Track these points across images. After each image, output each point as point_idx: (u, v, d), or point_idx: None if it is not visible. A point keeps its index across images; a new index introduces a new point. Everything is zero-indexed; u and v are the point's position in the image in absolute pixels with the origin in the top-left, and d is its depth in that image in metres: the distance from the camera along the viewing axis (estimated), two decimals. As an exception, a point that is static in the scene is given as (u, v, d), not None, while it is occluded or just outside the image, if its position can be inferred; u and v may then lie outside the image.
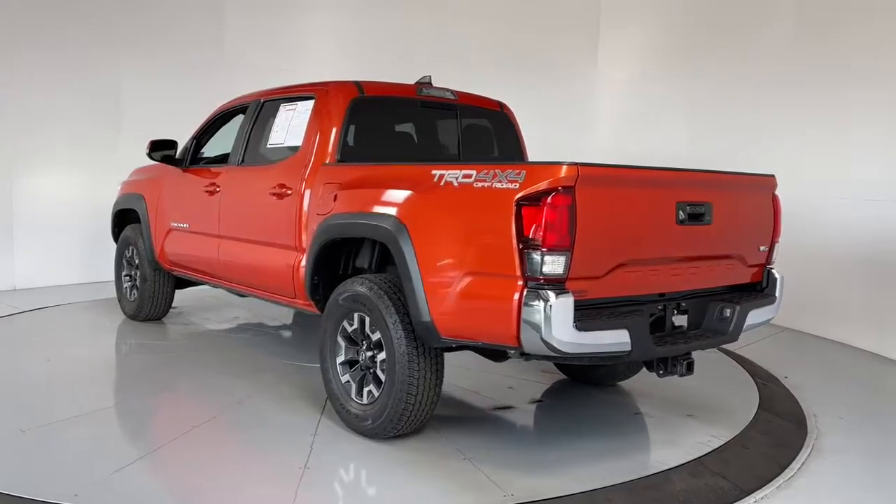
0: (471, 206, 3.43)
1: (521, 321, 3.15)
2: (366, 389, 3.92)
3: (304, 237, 4.36)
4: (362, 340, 3.96)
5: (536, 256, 3.14)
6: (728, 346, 6.15)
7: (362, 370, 3.96)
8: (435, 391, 3.77)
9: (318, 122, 4.50)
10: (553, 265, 3.14)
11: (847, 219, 6.54)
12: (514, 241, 3.19)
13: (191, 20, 8.75)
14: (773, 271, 4.24)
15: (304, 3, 9.09)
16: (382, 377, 3.80)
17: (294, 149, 4.65)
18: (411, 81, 5.02)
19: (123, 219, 6.64)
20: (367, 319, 3.86)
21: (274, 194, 4.60)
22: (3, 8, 7.97)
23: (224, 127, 5.78)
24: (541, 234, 3.14)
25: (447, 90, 5.01)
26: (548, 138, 8.35)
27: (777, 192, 4.28)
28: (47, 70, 8.17)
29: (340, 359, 4.06)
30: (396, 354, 3.66)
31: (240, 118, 5.52)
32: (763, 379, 5.34)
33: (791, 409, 4.78)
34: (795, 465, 3.87)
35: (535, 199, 3.16)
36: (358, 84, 4.62)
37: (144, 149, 5.77)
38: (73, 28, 8.31)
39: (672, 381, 5.07)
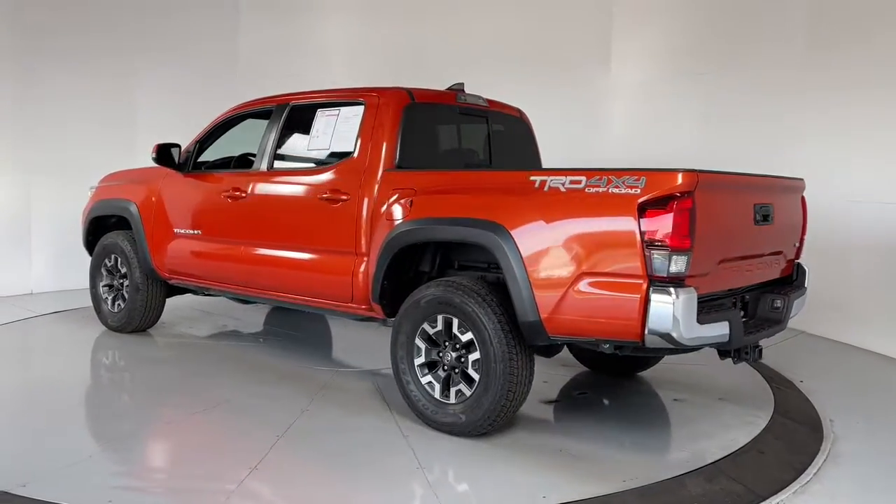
0: (584, 210, 3.61)
1: (646, 317, 3.38)
2: (453, 389, 4.05)
3: (363, 242, 4.46)
4: (446, 342, 4.08)
5: (662, 257, 3.38)
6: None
7: (446, 370, 4.09)
8: (529, 387, 3.99)
9: (373, 128, 4.57)
10: (678, 264, 3.39)
11: (864, 221, 6.48)
12: (640, 243, 3.41)
13: (205, 28, 8.84)
14: (802, 264, 4.66)
15: (317, 9, 9.13)
16: (475, 376, 3.93)
17: (344, 154, 4.70)
18: (425, 85, 5.05)
19: (98, 226, 6.45)
20: (456, 321, 3.98)
21: (325, 200, 4.66)
22: (21, 18, 8.08)
23: (219, 132, 5.75)
24: (667, 236, 3.37)
25: (479, 97, 5.14)
26: (560, 141, 8.36)
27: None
28: (64, 78, 8.29)
29: (420, 360, 4.17)
30: (495, 354, 3.83)
31: (249, 123, 5.54)
32: (778, 383, 5.30)
33: (807, 414, 4.74)
34: (811, 470, 3.84)
35: (659, 204, 3.39)
36: (409, 91, 4.72)
37: (150, 153, 5.65)
38: (90, 37, 8.44)
39: (690, 386, 5.09)
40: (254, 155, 5.62)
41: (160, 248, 5.81)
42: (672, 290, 3.36)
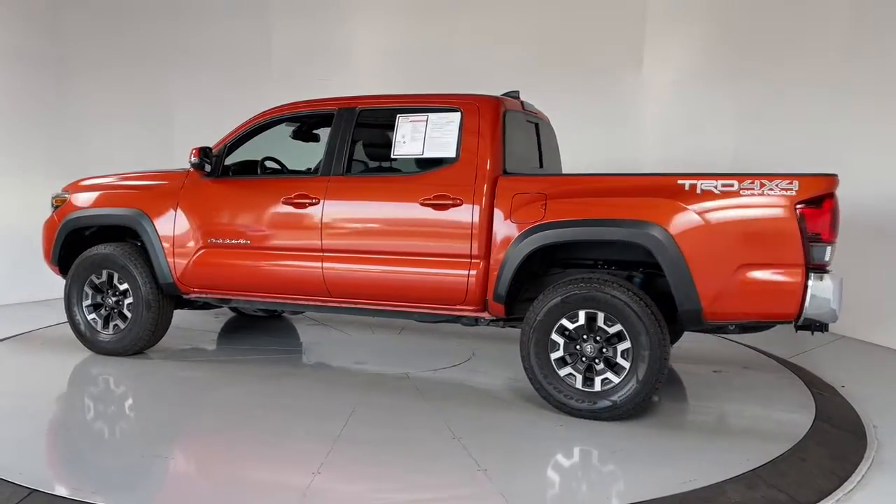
0: (743, 209, 4.11)
1: (806, 299, 4.01)
2: (598, 378, 4.36)
3: (479, 245, 4.60)
4: (587, 335, 4.36)
5: (819, 247, 4.02)
6: (782, 355, 6.05)
7: (586, 361, 4.39)
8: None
9: (478, 134, 4.72)
10: (828, 254, 4.05)
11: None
12: (800, 237, 3.99)
13: (237, 35, 8.93)
14: None
15: (347, 13, 9.18)
16: (625, 364, 4.29)
17: (443, 160, 4.78)
18: (455, 89, 5.07)
19: (73, 238, 5.83)
20: (601, 315, 4.31)
21: (430, 205, 4.70)
22: (57, 29, 8.28)
23: (252, 135, 5.53)
24: (823, 230, 4.01)
25: (531, 104, 5.27)
26: (591, 142, 8.30)
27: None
28: (102, 88, 8.50)
29: (556, 355, 4.44)
30: (653, 342, 4.21)
31: (274, 128, 5.48)
32: (819, 388, 5.20)
33: (849, 420, 4.65)
34: (855, 477, 3.75)
35: (814, 203, 4.01)
36: (500, 98, 4.94)
37: (190, 157, 5.27)
38: (125, 46, 8.62)
39: (729, 393, 5.01)
40: (271, 159, 5.66)
41: (185, 260, 5.40)
42: (826, 275, 4.03)
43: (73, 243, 5.85)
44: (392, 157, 4.97)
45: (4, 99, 8.12)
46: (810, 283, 4.02)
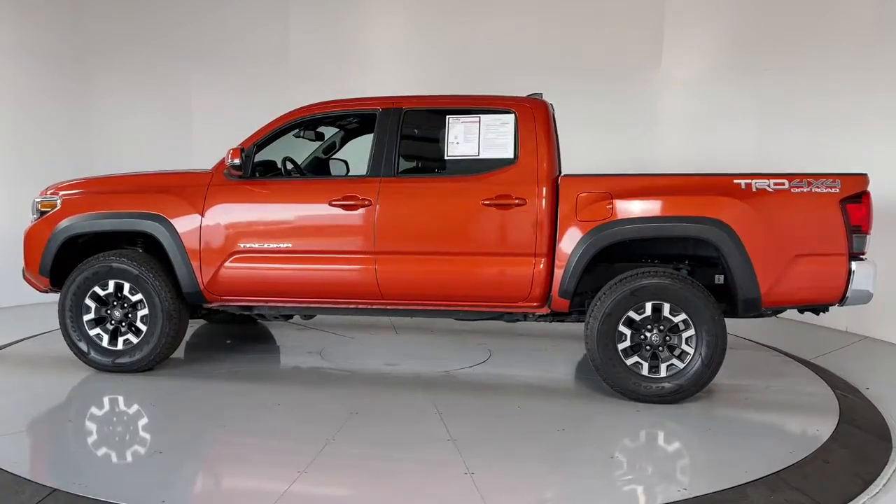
0: (795, 205, 4.58)
1: (850, 283, 4.54)
2: (664, 365, 4.68)
3: (544, 243, 4.80)
4: (652, 324, 4.67)
5: (860, 238, 4.55)
6: (805, 356, 5.97)
7: (650, 349, 4.70)
8: None
9: (535, 136, 4.93)
10: (867, 243, 4.58)
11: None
12: (845, 229, 4.51)
13: (256, 35, 8.98)
14: None
15: (364, 13, 9.19)
16: (690, 349, 4.64)
17: (501, 161, 4.92)
18: (475, 88, 5.06)
19: (66, 247, 5.33)
20: (667, 305, 4.62)
21: (492, 205, 4.83)
22: (77, 30, 8.38)
23: (281, 135, 5.40)
24: (863, 222, 4.54)
25: (551, 104, 5.34)
26: (609, 140, 8.26)
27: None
28: (121, 89, 8.58)
29: (624, 345, 4.70)
30: (716, 329, 4.60)
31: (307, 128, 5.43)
32: (842, 390, 5.12)
33: (874, 422, 4.58)
34: (880, 481, 3.70)
35: (855, 199, 4.53)
36: (547, 101, 5.17)
37: (229, 158, 5.01)
38: (144, 47, 8.71)
39: (752, 395, 4.96)
40: (291, 160, 5.60)
41: (213, 267, 5.15)
42: (866, 262, 4.58)
43: (63, 253, 5.35)
44: (446, 157, 5.01)
45: (25, 97, 8.21)
46: (854, 269, 4.54)
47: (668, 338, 4.69)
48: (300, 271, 5.10)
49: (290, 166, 5.61)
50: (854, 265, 4.55)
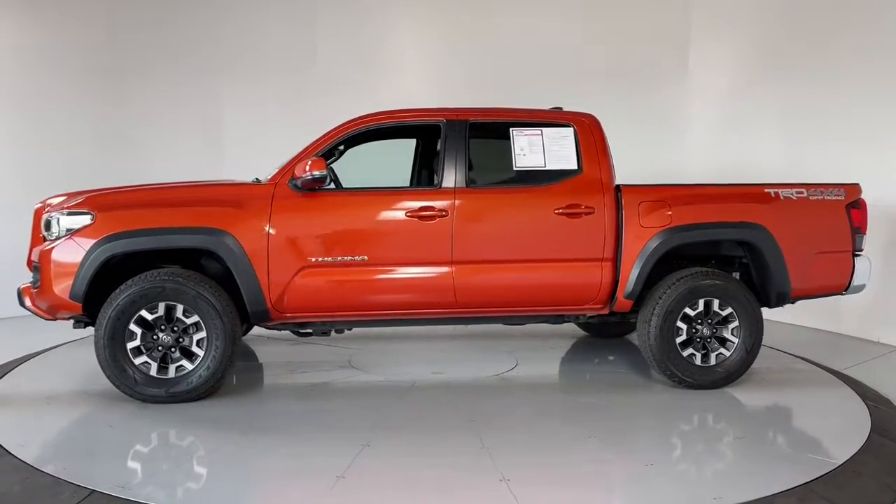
0: (814, 211, 5.28)
1: (853, 274, 5.32)
2: (713, 354, 5.20)
3: (611, 248, 5.13)
4: (703, 318, 5.17)
5: (860, 237, 5.34)
6: (836, 367, 5.92)
7: (699, 340, 5.18)
8: None
9: (596, 148, 5.28)
10: (864, 242, 5.37)
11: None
12: (850, 230, 5.29)
13: (283, 45, 9.10)
14: None
15: (388, 21, 9.28)
16: (734, 339, 5.18)
17: (566, 172, 5.19)
18: (501, 97, 5.11)
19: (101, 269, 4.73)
20: (717, 301, 5.15)
21: (564, 214, 5.11)
22: (111, 45, 8.56)
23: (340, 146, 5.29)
24: (862, 224, 5.35)
25: None
26: (638, 148, 8.25)
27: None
28: (154, 103, 8.75)
29: (681, 338, 5.14)
30: (756, 320, 5.17)
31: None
32: (874, 401, 5.07)
33: (906, 433, 4.52)
34: (913, 492, 3.66)
35: (855, 205, 5.33)
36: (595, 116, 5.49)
37: (310, 171, 4.79)
38: (176, 62, 8.85)
39: (782, 404, 4.94)
40: (332, 171, 5.63)
41: (283, 282, 4.90)
42: (864, 257, 5.37)
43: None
44: (515, 168, 5.18)
45: (55, 109, 8.38)
46: (856, 263, 5.32)
47: (715, 330, 5.17)
48: (377, 282, 5.06)
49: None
50: (857, 260, 5.33)
